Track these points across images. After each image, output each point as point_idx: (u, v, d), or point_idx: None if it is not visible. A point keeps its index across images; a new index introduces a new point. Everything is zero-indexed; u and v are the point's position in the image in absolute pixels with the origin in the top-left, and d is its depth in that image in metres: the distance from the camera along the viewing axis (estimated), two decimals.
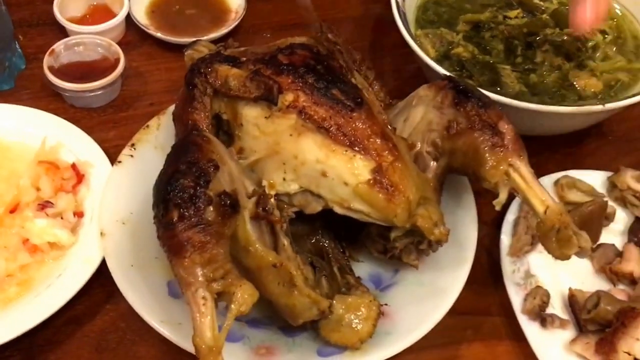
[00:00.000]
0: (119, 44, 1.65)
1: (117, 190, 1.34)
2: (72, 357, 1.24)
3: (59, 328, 1.26)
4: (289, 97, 1.18)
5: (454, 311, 1.23)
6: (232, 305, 1.01)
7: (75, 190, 1.39)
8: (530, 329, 1.25)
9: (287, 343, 1.19)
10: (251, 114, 1.21)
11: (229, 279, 1.02)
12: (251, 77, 1.20)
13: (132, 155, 1.38)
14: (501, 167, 1.18)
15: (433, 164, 1.27)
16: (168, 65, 1.70)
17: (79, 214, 1.36)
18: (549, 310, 1.27)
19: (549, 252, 1.17)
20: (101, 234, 1.27)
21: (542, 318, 1.25)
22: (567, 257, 1.15)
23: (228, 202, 1.05)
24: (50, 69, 1.56)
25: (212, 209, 1.03)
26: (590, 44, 1.62)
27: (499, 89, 1.50)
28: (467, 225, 1.33)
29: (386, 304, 1.24)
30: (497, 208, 1.20)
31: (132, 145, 1.40)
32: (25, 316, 1.21)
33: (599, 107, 1.39)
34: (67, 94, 1.57)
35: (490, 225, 1.42)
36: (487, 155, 1.19)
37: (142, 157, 1.38)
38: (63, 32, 1.70)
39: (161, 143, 1.40)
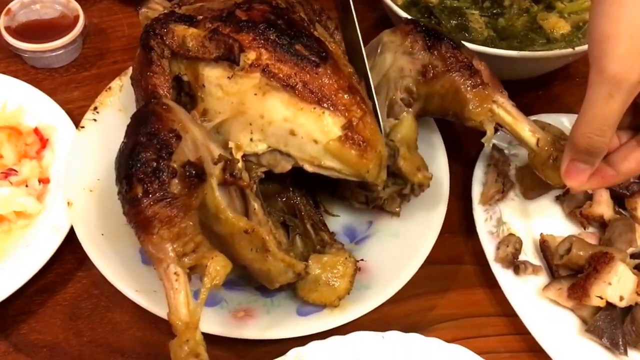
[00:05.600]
0: (78, 0, 1.60)
1: (81, 157, 1.30)
2: (45, 325, 1.23)
3: (31, 297, 1.25)
4: (251, 55, 1.14)
5: (428, 261, 1.24)
6: (205, 279, 0.99)
7: (39, 155, 1.35)
8: (504, 276, 1.25)
9: (266, 304, 1.19)
10: (213, 74, 1.17)
11: (200, 251, 1.00)
12: (210, 37, 1.16)
13: (95, 120, 1.35)
14: (485, 105, 1.21)
15: (407, 110, 1.26)
16: (130, 21, 1.66)
17: (45, 181, 1.32)
18: (521, 256, 1.27)
19: (550, 181, 1.19)
20: (68, 203, 1.24)
21: (515, 266, 1.25)
22: None
23: (193, 172, 1.02)
24: (7, 29, 1.52)
25: (177, 181, 1.00)
26: None
27: (467, 34, 1.48)
28: (439, 173, 1.33)
29: (362, 260, 1.23)
30: (486, 145, 1.24)
31: (95, 108, 1.36)
32: None
33: (569, 51, 1.39)
34: (26, 55, 1.53)
35: (460, 175, 1.42)
36: (469, 95, 1.21)
37: (105, 121, 1.35)
38: None
39: (125, 105, 1.36)
